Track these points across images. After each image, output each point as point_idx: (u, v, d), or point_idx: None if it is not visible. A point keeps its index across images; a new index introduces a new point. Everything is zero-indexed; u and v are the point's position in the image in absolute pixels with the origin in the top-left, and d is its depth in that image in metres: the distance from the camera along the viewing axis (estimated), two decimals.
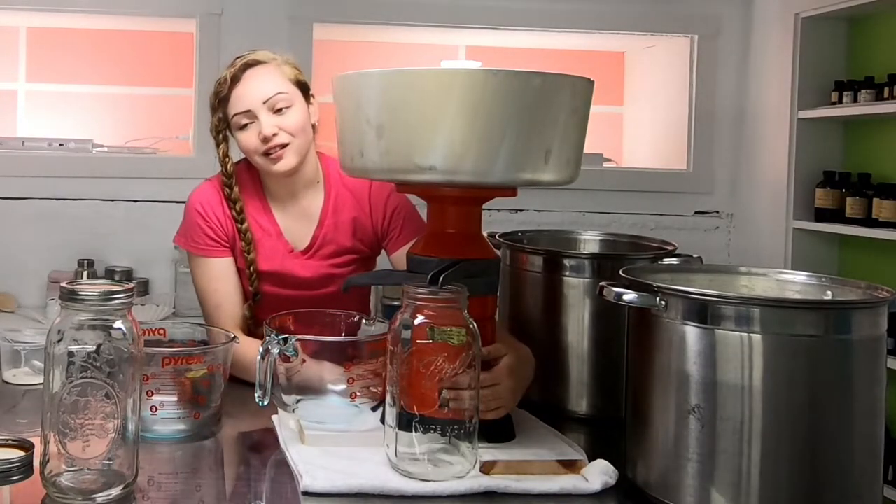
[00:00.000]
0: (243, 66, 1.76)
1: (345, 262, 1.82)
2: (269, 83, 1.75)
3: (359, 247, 1.82)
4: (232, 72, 1.76)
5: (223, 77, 1.77)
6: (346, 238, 1.81)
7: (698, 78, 3.52)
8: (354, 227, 1.81)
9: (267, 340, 1.38)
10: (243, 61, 1.77)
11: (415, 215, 1.82)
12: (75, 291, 1.15)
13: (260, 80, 1.75)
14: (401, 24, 3.41)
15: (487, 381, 1.31)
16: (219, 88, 1.76)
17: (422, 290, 1.23)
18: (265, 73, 1.76)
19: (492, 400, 1.34)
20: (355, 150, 1.33)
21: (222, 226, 1.77)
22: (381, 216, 1.81)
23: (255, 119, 1.73)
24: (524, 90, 1.25)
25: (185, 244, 1.80)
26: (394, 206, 1.81)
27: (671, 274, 1.37)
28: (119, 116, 3.53)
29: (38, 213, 3.18)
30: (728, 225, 3.57)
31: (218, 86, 1.77)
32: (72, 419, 1.13)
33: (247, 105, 1.73)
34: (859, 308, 1.14)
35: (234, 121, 1.75)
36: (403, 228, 1.80)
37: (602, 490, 1.22)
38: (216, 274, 1.77)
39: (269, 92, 1.73)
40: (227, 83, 1.75)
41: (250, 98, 1.74)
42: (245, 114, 1.73)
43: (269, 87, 1.74)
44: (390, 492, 1.19)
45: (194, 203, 1.79)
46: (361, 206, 1.82)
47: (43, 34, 3.49)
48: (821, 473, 1.11)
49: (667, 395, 1.18)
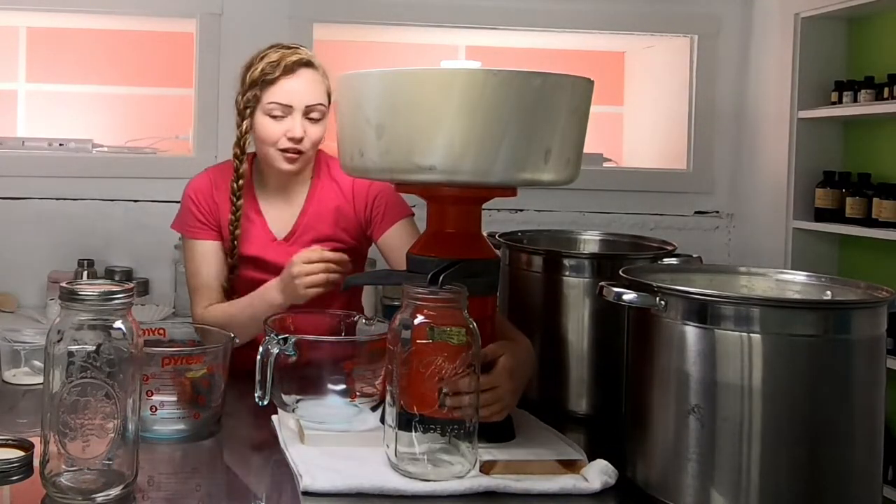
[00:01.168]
0: (300, 61, 1.77)
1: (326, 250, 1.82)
2: (317, 90, 1.78)
3: (341, 235, 1.83)
4: (289, 62, 1.76)
5: (274, 60, 1.76)
6: (327, 226, 1.83)
7: (698, 78, 3.52)
8: (337, 216, 1.83)
9: (267, 340, 1.38)
10: (300, 57, 1.78)
11: (397, 200, 1.83)
12: (75, 291, 1.15)
13: (312, 83, 1.78)
14: (401, 24, 3.41)
15: (486, 384, 1.31)
16: (269, 70, 1.76)
17: (422, 290, 1.23)
18: (316, 79, 1.80)
19: (493, 403, 1.33)
20: (355, 150, 1.34)
21: (211, 211, 1.84)
22: (363, 204, 1.83)
23: (288, 115, 1.75)
24: (524, 90, 1.25)
25: (180, 227, 1.88)
26: (375, 193, 1.82)
27: (671, 274, 1.37)
28: (119, 116, 3.53)
29: (38, 213, 3.18)
30: (728, 225, 3.57)
31: (269, 67, 1.76)
32: (72, 419, 1.13)
33: (291, 100, 1.75)
34: (859, 308, 1.14)
35: (268, 107, 1.76)
36: (386, 213, 1.81)
37: (602, 490, 1.22)
38: (202, 255, 1.83)
39: (314, 98, 1.77)
40: (280, 70, 1.75)
41: (298, 96, 1.76)
42: (284, 107, 1.75)
43: (316, 94, 1.78)
44: (390, 492, 1.19)
45: (189, 190, 1.87)
46: (345, 195, 1.84)
47: (43, 34, 3.49)
48: (821, 473, 1.11)
49: (667, 395, 1.18)
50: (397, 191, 1.47)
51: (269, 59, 1.77)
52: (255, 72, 1.78)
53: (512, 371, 1.36)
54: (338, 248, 1.80)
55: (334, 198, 1.84)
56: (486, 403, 1.31)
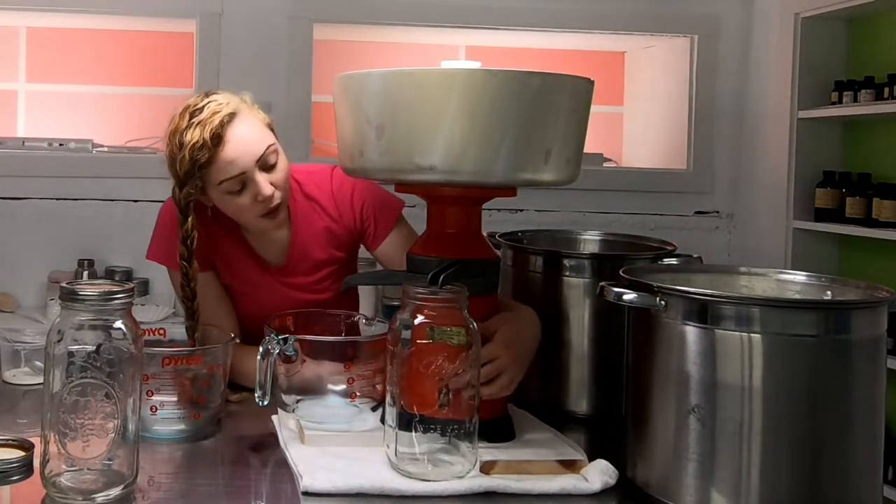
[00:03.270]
0: (223, 122, 1.52)
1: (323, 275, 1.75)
2: (257, 137, 1.57)
3: (335, 255, 1.73)
4: (210, 131, 1.51)
5: (196, 140, 1.50)
6: (320, 250, 1.72)
7: (698, 78, 3.52)
8: (327, 236, 1.72)
9: (267, 340, 1.38)
10: (220, 116, 1.52)
11: (384, 202, 1.72)
12: (75, 291, 1.14)
13: (248, 134, 1.56)
14: (401, 24, 3.41)
15: (484, 356, 1.29)
16: (196, 154, 1.50)
17: (422, 290, 1.23)
18: (248, 127, 1.57)
19: (496, 376, 1.32)
20: (355, 150, 1.33)
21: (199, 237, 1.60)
22: (351, 219, 1.72)
23: (248, 182, 1.55)
24: (524, 90, 1.25)
25: (166, 261, 1.67)
26: (361, 203, 1.71)
27: (671, 274, 1.37)
28: (119, 116, 3.53)
29: (38, 213, 3.18)
30: (728, 225, 3.57)
31: (194, 151, 1.50)
32: (72, 419, 1.13)
33: (240, 168, 1.53)
34: (859, 308, 1.14)
35: (223, 187, 1.55)
36: (378, 223, 1.71)
37: (602, 490, 1.22)
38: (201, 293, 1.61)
39: (259, 147, 1.55)
40: (208, 146, 1.51)
41: (243, 160, 1.53)
42: (237, 178, 1.54)
43: (260, 139, 1.57)
44: (390, 492, 1.19)
45: (170, 218, 1.62)
46: (330, 214, 1.72)
47: (43, 34, 3.49)
48: (821, 473, 1.11)
49: (667, 395, 1.18)
50: (397, 190, 1.46)
51: (189, 142, 1.51)
52: (183, 163, 1.51)
53: (508, 341, 1.34)
54: (335, 270, 1.75)
55: (319, 219, 1.71)
56: (488, 377, 1.30)
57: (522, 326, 1.42)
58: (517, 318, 1.42)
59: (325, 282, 1.75)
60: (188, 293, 1.56)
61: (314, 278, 1.75)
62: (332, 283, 1.75)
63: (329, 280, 1.75)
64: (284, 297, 1.71)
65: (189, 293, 1.56)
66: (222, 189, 1.56)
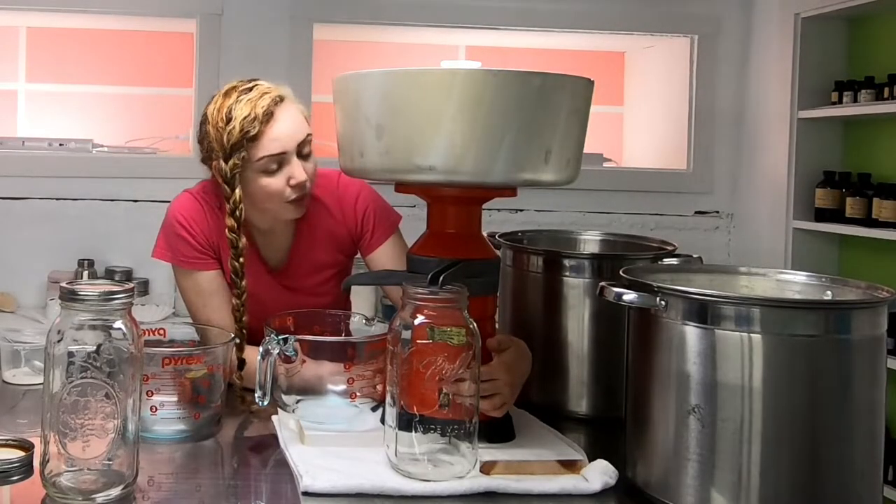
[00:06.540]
0: (274, 101, 1.59)
1: (324, 278, 1.76)
2: (301, 122, 1.63)
3: (336, 258, 1.76)
4: (263, 107, 1.57)
5: (248, 113, 1.56)
6: (322, 252, 1.74)
7: (698, 78, 3.53)
8: (330, 238, 1.74)
9: (267, 340, 1.38)
10: (270, 96, 1.59)
11: (384, 213, 1.76)
12: (75, 291, 1.14)
13: (294, 117, 1.61)
14: (401, 24, 3.41)
15: (484, 374, 1.30)
16: (247, 126, 1.55)
17: (422, 290, 1.23)
18: (294, 111, 1.63)
19: (491, 395, 1.33)
20: (355, 151, 1.33)
21: (207, 238, 1.67)
22: (353, 222, 1.75)
23: (285, 163, 1.60)
24: (524, 90, 1.25)
25: (172, 258, 1.69)
26: (364, 209, 1.74)
27: (671, 274, 1.37)
28: (119, 116, 3.53)
29: (38, 213, 3.18)
30: (728, 225, 3.58)
31: (244, 122, 1.55)
32: (72, 419, 1.13)
33: (283, 146, 1.58)
34: (859, 308, 1.14)
35: (260, 164, 1.58)
36: (375, 231, 1.74)
37: (602, 490, 1.22)
38: (205, 287, 1.67)
39: (302, 133, 1.61)
40: (259, 119, 1.56)
41: (287, 139, 1.59)
42: (277, 157, 1.58)
43: (302, 126, 1.62)
44: (390, 492, 1.19)
45: (177, 216, 1.68)
46: (334, 216, 1.74)
47: (43, 34, 3.49)
48: (821, 473, 1.11)
49: (667, 396, 1.18)
50: (397, 190, 1.46)
51: (240, 115, 1.56)
52: (232, 134, 1.56)
53: (509, 365, 1.36)
54: (336, 273, 1.76)
55: (324, 219, 1.74)
56: (484, 393, 1.31)
57: (522, 355, 1.43)
58: (520, 345, 1.43)
59: (326, 285, 1.76)
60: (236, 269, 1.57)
61: (315, 280, 1.75)
62: (332, 286, 1.77)
63: (329, 283, 1.77)
64: (285, 301, 1.71)
65: (238, 268, 1.57)
66: (259, 167, 1.59)
